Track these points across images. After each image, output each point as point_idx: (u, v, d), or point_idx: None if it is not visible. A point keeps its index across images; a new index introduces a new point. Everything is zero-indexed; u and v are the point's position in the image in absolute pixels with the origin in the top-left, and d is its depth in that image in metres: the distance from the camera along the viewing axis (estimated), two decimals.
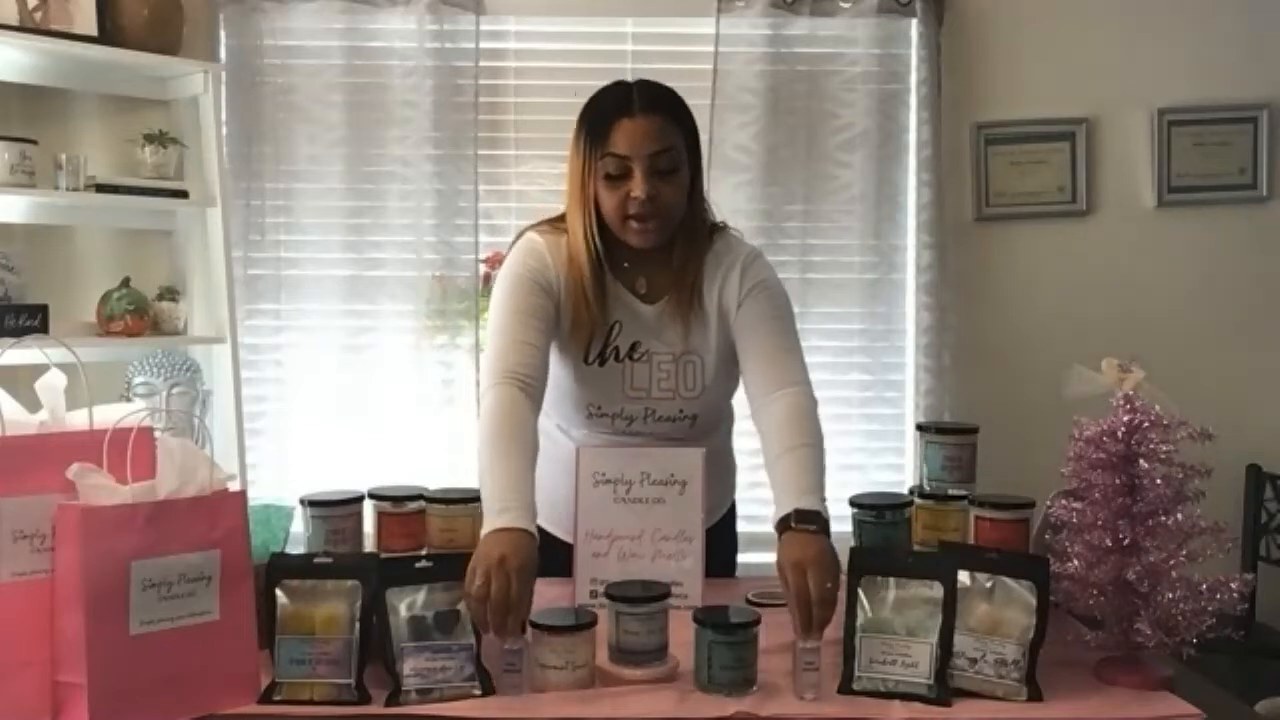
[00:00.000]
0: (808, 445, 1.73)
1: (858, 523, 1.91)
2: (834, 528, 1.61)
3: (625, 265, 1.87)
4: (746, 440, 2.27)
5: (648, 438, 1.90)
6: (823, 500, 1.65)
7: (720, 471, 2.05)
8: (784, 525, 1.62)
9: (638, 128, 1.76)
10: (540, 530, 1.66)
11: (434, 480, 1.98)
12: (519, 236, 1.93)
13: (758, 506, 2.53)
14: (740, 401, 2.16)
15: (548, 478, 1.83)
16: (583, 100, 1.87)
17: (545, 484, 1.78)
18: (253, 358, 3.20)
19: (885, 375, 3.31)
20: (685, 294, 1.86)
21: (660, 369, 1.87)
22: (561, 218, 1.89)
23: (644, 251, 1.85)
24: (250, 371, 3.17)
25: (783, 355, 1.84)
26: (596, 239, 1.82)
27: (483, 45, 3.19)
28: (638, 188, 1.76)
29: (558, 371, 1.86)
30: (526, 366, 1.75)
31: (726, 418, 2.08)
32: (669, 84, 1.88)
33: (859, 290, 3.28)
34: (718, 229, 1.95)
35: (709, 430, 1.98)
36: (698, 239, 1.88)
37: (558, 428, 1.97)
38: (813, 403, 1.82)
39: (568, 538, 1.84)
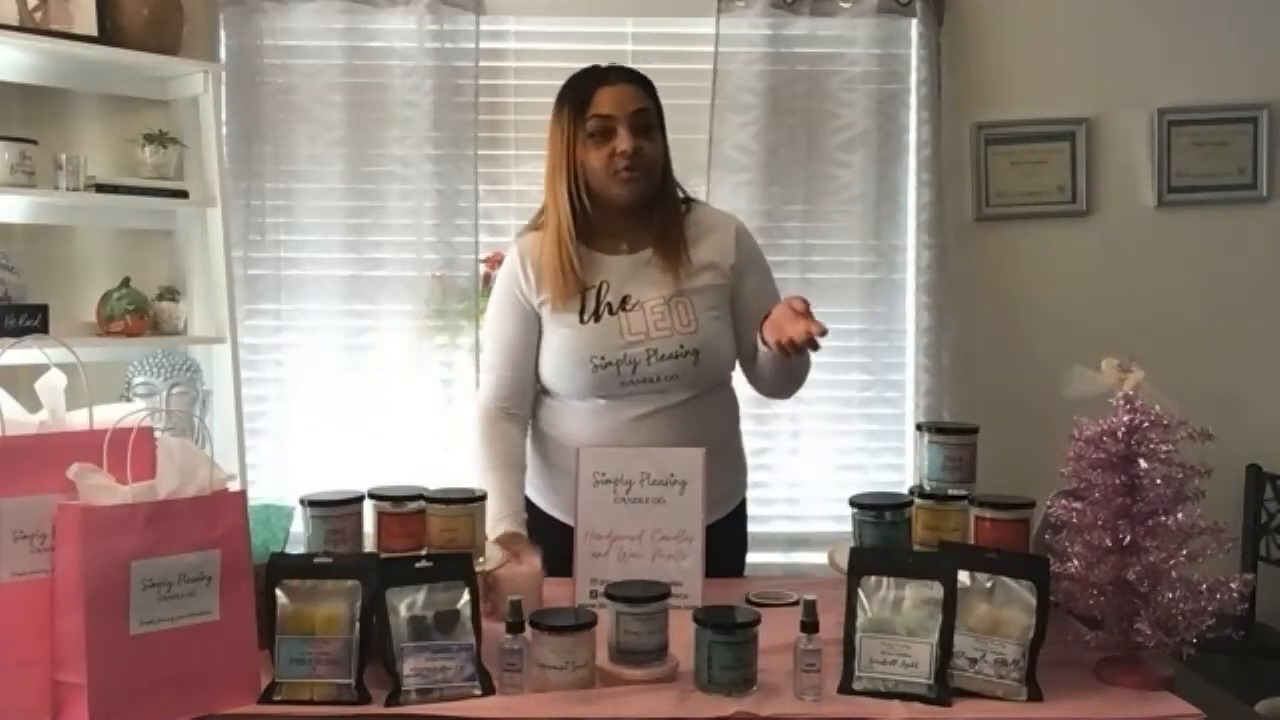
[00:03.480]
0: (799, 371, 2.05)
1: (858, 523, 1.90)
2: (834, 528, 1.64)
3: (601, 234, 2.03)
4: (750, 440, 2.28)
5: (653, 383, 1.96)
6: None
7: (729, 460, 2.06)
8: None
9: (618, 91, 1.97)
10: (553, 519, 2.03)
11: (434, 480, 1.97)
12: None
13: (760, 507, 2.57)
14: (744, 398, 2.17)
15: (558, 464, 2.02)
16: None
17: (556, 470, 2.03)
18: (253, 358, 3.20)
19: (885, 375, 3.31)
20: (671, 246, 2.01)
21: (654, 312, 1.99)
22: (540, 213, 2.08)
23: (620, 217, 2.01)
24: (250, 371, 3.17)
25: None
26: (585, 201, 1.99)
27: (483, 45, 3.20)
28: (624, 141, 1.94)
29: (557, 336, 2.00)
30: (510, 398, 2.05)
31: (732, 400, 2.09)
32: (669, 84, 2.09)
33: (859, 290, 3.28)
34: (691, 199, 2.13)
35: (713, 379, 2.02)
36: (673, 201, 2.06)
37: (563, 403, 2.02)
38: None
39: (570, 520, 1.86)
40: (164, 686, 1.36)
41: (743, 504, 2.14)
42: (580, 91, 1.98)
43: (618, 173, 1.95)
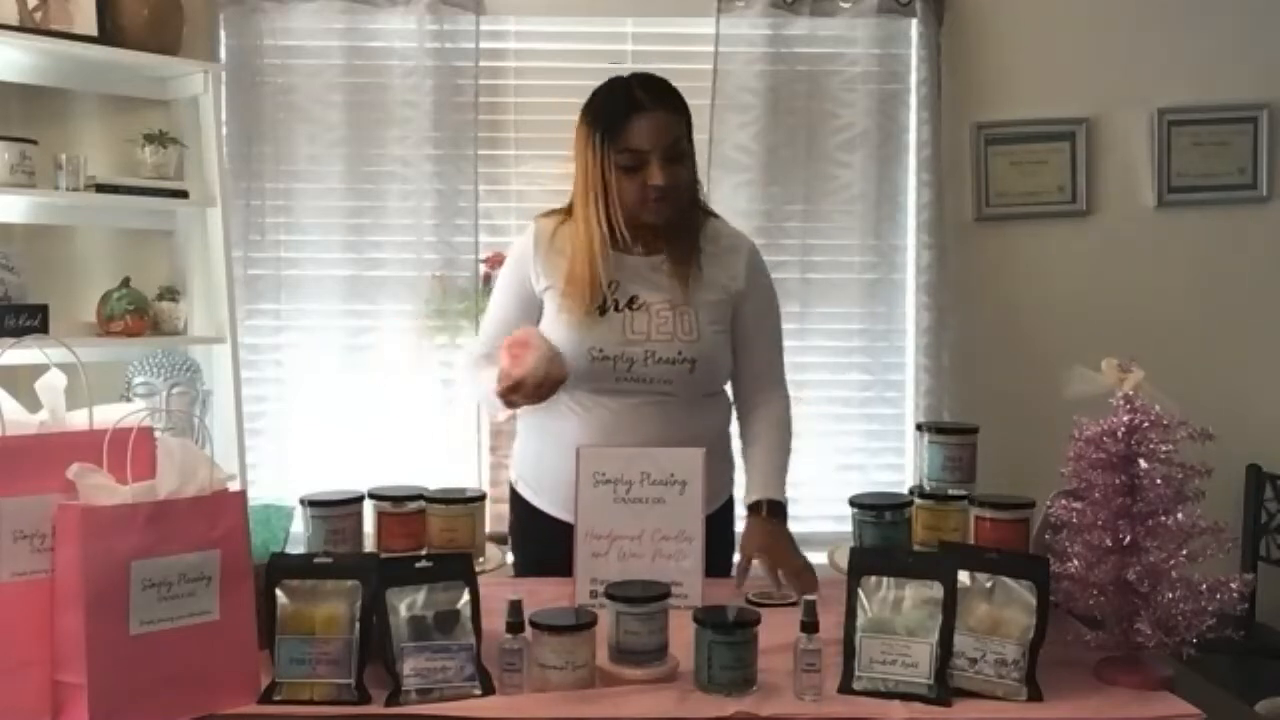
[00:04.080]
0: (788, 449, 2.09)
1: (858, 523, 1.91)
2: (834, 528, 1.66)
3: (620, 235, 2.00)
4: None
5: (647, 384, 1.96)
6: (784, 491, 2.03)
7: (720, 457, 2.07)
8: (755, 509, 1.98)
9: (651, 123, 1.93)
10: (544, 514, 2.03)
11: (434, 480, 1.98)
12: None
13: None
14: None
15: (549, 458, 2.01)
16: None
17: (548, 464, 2.02)
18: (253, 358, 3.20)
19: (885, 375, 3.31)
20: (685, 255, 2.01)
21: (659, 316, 1.99)
22: (568, 207, 2.05)
23: (641, 225, 2.00)
24: (250, 371, 3.17)
25: (778, 360, 2.14)
26: (619, 223, 1.96)
27: (483, 45, 3.20)
28: (657, 176, 1.92)
29: (560, 323, 1.98)
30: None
31: (724, 403, 2.10)
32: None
33: (859, 290, 3.28)
34: (711, 211, 2.13)
35: (707, 388, 2.03)
36: (693, 205, 2.05)
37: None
38: (790, 408, 2.15)
39: (570, 518, 1.86)
40: (164, 686, 1.36)
41: (730, 502, 2.14)
42: (612, 118, 1.93)
43: (648, 203, 1.95)
